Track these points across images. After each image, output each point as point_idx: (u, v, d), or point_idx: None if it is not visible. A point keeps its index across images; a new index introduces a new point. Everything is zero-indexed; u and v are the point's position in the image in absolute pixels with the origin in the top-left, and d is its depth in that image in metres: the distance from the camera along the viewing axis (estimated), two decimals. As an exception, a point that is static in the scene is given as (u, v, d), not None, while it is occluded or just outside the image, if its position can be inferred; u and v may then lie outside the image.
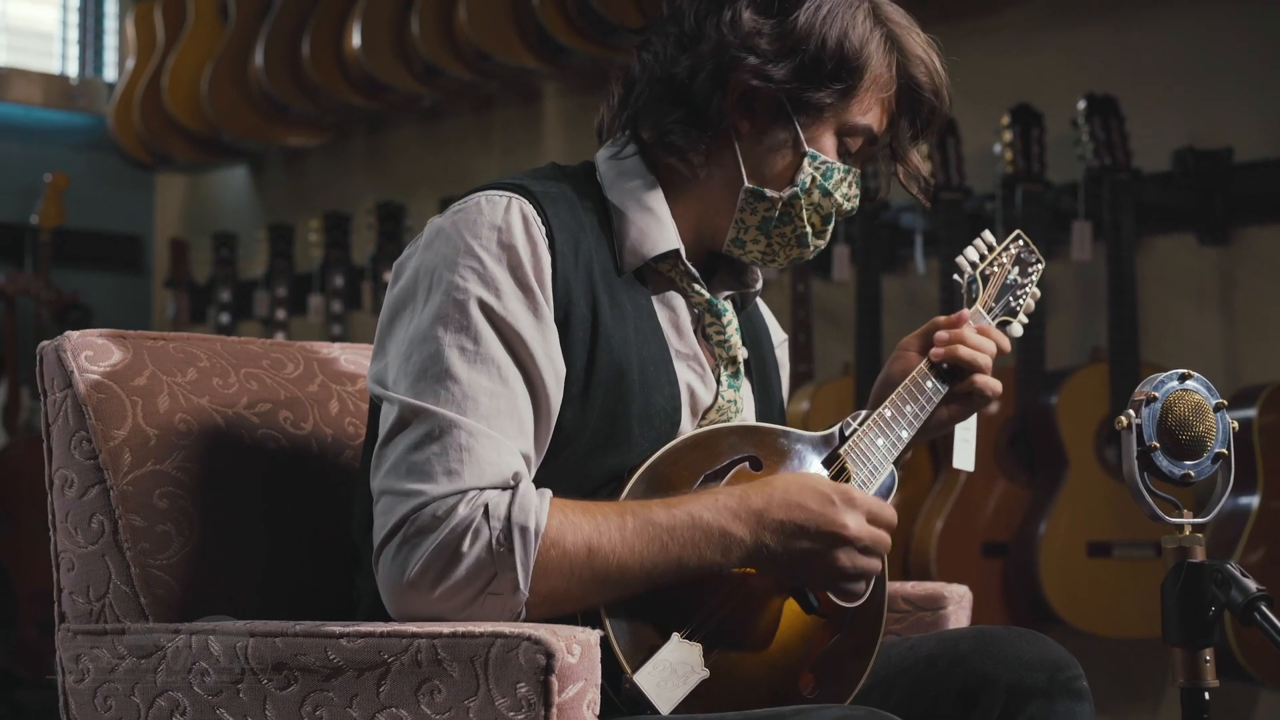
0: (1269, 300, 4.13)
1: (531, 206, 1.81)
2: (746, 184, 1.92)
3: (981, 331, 2.05)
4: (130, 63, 6.48)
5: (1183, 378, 1.70)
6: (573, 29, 5.09)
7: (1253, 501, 3.75)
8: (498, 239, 1.78)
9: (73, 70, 6.91)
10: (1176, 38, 4.31)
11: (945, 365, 2.03)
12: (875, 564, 1.84)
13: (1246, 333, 4.16)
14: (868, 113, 1.93)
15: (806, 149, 1.91)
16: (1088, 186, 4.16)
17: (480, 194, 1.83)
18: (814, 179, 1.92)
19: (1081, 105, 4.13)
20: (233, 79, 6.08)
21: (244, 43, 6.05)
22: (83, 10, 6.95)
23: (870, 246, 4.51)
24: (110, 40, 6.98)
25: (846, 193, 1.96)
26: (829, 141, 1.93)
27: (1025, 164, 4.22)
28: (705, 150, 1.91)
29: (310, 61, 5.76)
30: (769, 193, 1.92)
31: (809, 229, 1.95)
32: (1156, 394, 1.68)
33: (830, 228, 1.98)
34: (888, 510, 1.85)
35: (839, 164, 1.94)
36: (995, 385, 2.04)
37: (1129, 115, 4.14)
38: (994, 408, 4.11)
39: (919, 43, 1.96)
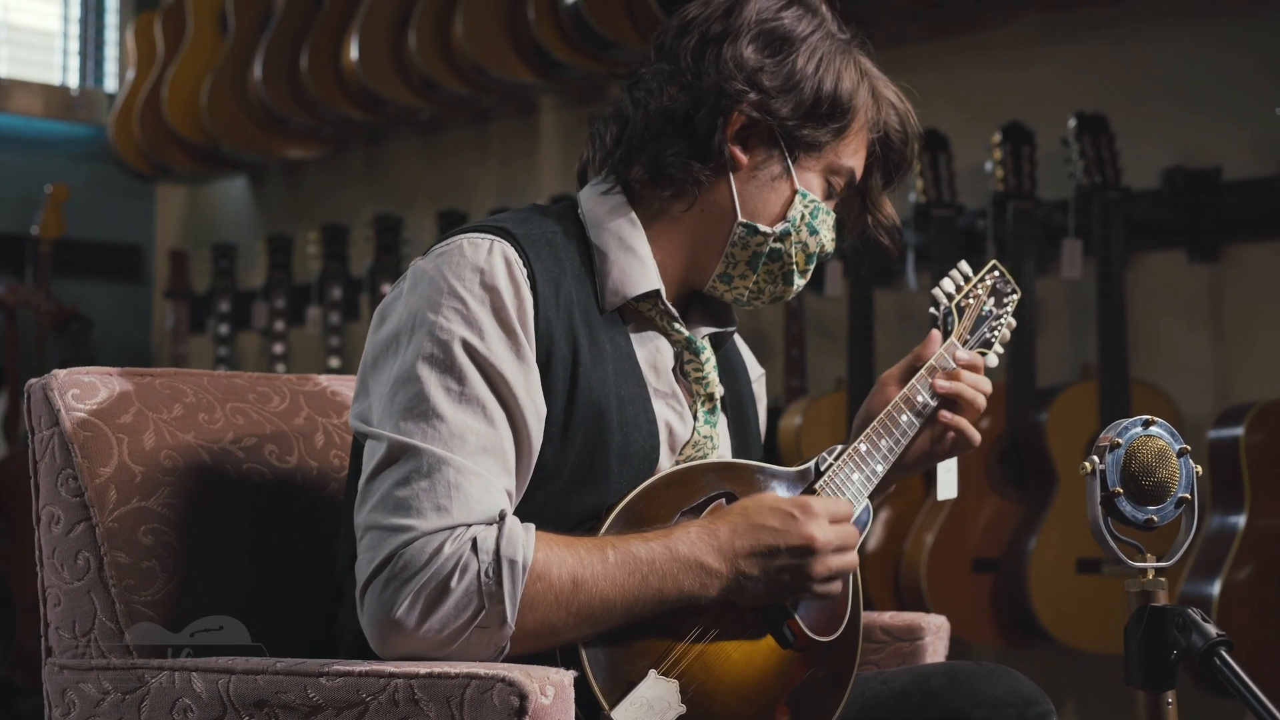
0: (1258, 318, 4.15)
1: (514, 249, 1.84)
2: (740, 219, 1.95)
3: (970, 366, 2.08)
4: (130, 74, 6.51)
5: (1146, 424, 1.72)
6: (568, 44, 5.12)
7: (1240, 520, 3.77)
8: (480, 281, 1.81)
9: (73, 81, 6.93)
10: (1166, 57, 4.33)
11: (935, 401, 2.05)
12: (849, 560, 1.87)
13: (1236, 350, 4.18)
14: (855, 154, 2.00)
15: (798, 186, 1.96)
16: (1078, 204, 4.19)
17: (463, 236, 1.86)
18: (803, 216, 1.97)
19: (1072, 123, 4.15)
20: (232, 91, 6.11)
21: (243, 55, 6.09)
22: (83, 22, 6.98)
23: (862, 262, 4.53)
24: (111, 51, 7.01)
25: (829, 234, 2.01)
26: (817, 182, 1.98)
27: (1016, 181, 4.25)
28: (701, 184, 1.95)
29: (308, 74, 5.78)
30: (762, 228, 1.96)
31: (794, 266, 1.98)
32: (1120, 440, 1.70)
33: (811, 268, 2.01)
34: (843, 505, 1.88)
35: (824, 204, 1.99)
36: (976, 437, 2.08)
37: (1119, 133, 4.16)
38: (984, 424, 4.16)
39: (895, 94, 2.04)
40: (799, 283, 2.02)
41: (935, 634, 2.24)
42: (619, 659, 1.78)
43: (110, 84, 6.99)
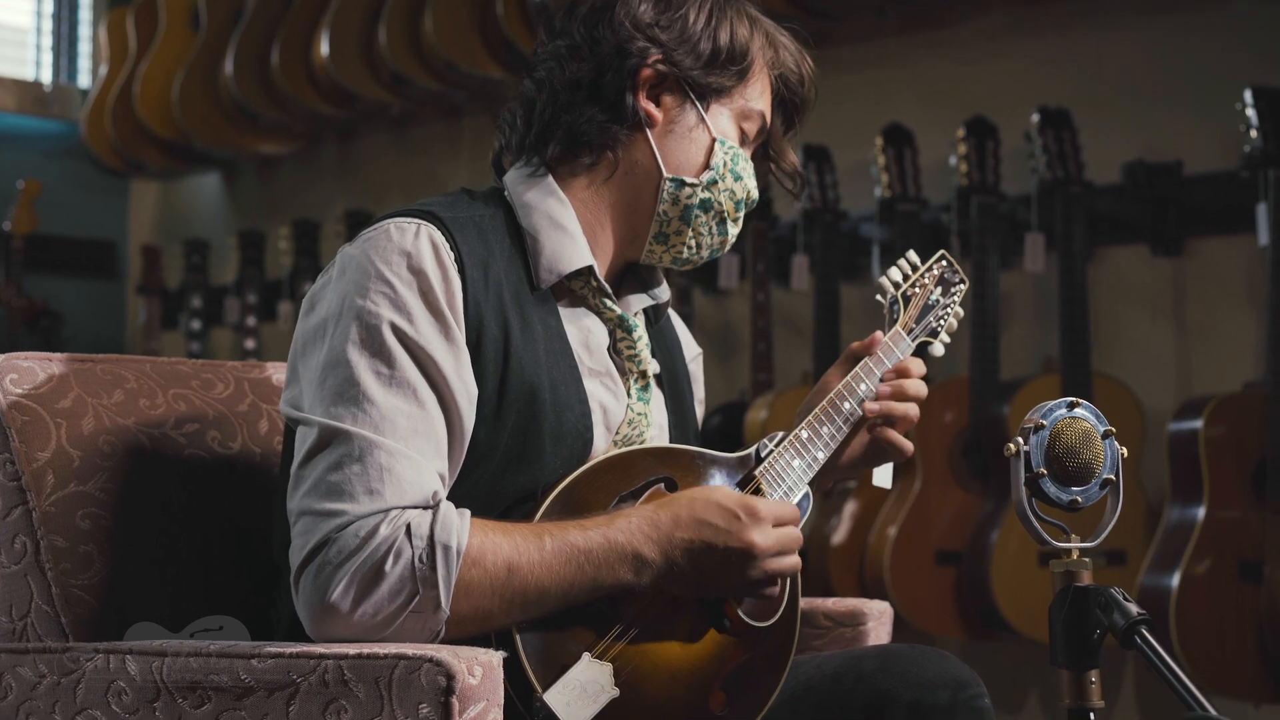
0: (1220, 311, 4.16)
1: (440, 233, 1.85)
2: (666, 174, 1.98)
3: (901, 371, 2.09)
4: (103, 70, 6.51)
5: (1071, 405, 1.73)
6: (537, 40, 5.12)
7: (1198, 513, 3.78)
8: (407, 265, 1.82)
9: (46, 77, 6.93)
10: (1129, 52, 4.35)
11: (875, 392, 2.07)
12: (790, 562, 1.87)
13: (1198, 343, 4.19)
14: (762, 96, 2.04)
15: (716, 134, 2.00)
16: (1041, 198, 4.20)
17: (389, 221, 1.87)
18: (726, 163, 2.00)
19: (1035, 118, 4.17)
20: (203, 87, 6.11)
21: (214, 51, 6.09)
22: (56, 17, 6.97)
23: (829, 256, 4.55)
24: (84, 47, 7.01)
25: (752, 182, 2.04)
26: (731, 129, 2.02)
27: (980, 176, 4.26)
28: (620, 144, 1.97)
29: (279, 70, 5.79)
30: (689, 179, 1.98)
31: (725, 214, 2.02)
32: (1044, 421, 1.71)
33: (741, 216, 2.04)
34: (790, 509, 1.89)
35: (742, 151, 2.03)
36: (908, 448, 2.09)
37: (1082, 128, 4.17)
38: (948, 417, 4.18)
39: (788, 38, 2.09)
40: (732, 232, 2.04)
41: (878, 620, 2.25)
42: (552, 642, 1.79)
43: (83, 80, 6.98)
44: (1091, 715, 1.64)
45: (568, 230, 1.95)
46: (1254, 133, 3.83)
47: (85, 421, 2.01)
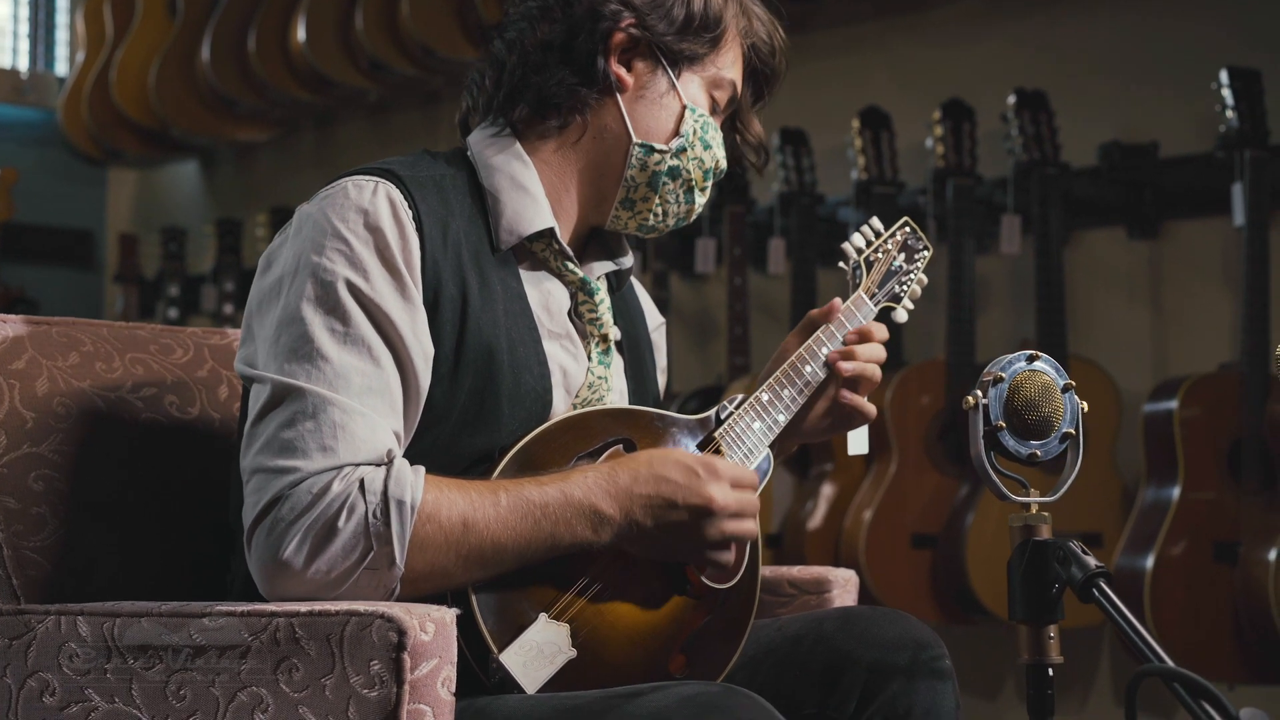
0: (1196, 293, 4.16)
1: (398, 191, 1.83)
2: (635, 139, 1.96)
3: (863, 334, 2.08)
4: (80, 57, 6.49)
5: (1030, 359, 1.71)
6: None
7: (1173, 493, 3.77)
8: (364, 222, 1.80)
9: (23, 65, 6.91)
10: (1105, 33, 4.34)
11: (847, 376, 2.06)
12: (747, 527, 1.85)
13: (1174, 325, 4.19)
14: (733, 65, 2.03)
15: (686, 101, 1.98)
16: (1017, 180, 4.19)
17: (347, 179, 1.85)
18: (696, 131, 1.98)
19: (1011, 100, 4.16)
20: (180, 74, 6.09)
21: (191, 37, 6.07)
22: (33, 5, 6.95)
23: (805, 240, 4.54)
24: (61, 35, 6.99)
25: (721, 151, 2.02)
26: (702, 97, 2.01)
27: (957, 158, 4.25)
28: (590, 108, 1.96)
29: (256, 56, 5.77)
30: (658, 145, 1.97)
31: (693, 182, 2.00)
32: (1004, 374, 1.69)
33: (709, 185, 2.02)
34: (748, 474, 1.87)
35: (712, 120, 2.01)
36: (870, 411, 2.08)
37: (1058, 110, 4.16)
38: (924, 401, 4.16)
39: (761, 9, 2.07)
40: (699, 201, 2.03)
41: (843, 587, 2.23)
42: (509, 603, 1.77)
43: (60, 68, 6.96)
44: (1050, 670, 1.62)
45: (530, 191, 1.94)
46: (1230, 113, 3.83)
47: (39, 383, 1.99)
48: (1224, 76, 3.84)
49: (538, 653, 1.77)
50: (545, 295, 1.95)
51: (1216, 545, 3.75)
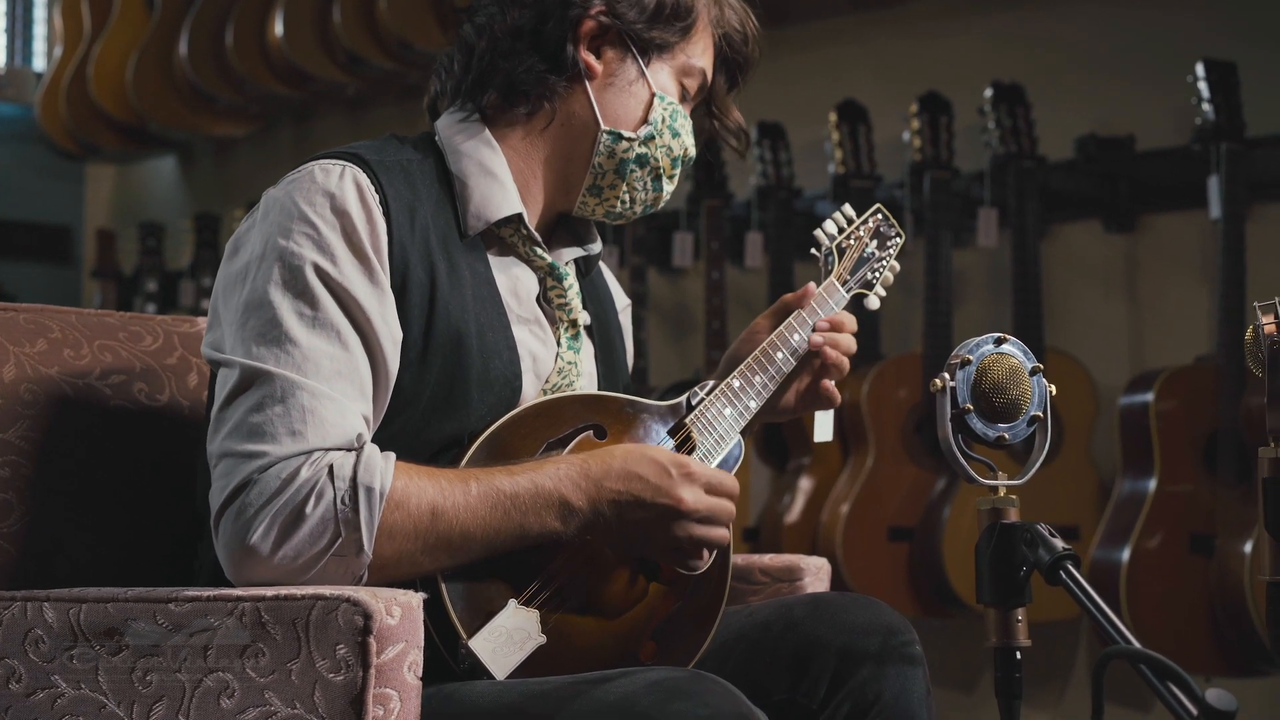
0: (1172, 286, 4.16)
1: (365, 175, 1.82)
2: (604, 126, 1.95)
3: (836, 325, 2.08)
4: (58, 52, 6.47)
5: (998, 341, 1.71)
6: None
7: (1150, 486, 3.77)
8: (331, 206, 1.79)
9: (0, 60, 6.87)
10: (1082, 26, 4.35)
11: (808, 340, 2.06)
12: (717, 534, 1.85)
13: (1150, 318, 4.19)
14: (704, 54, 2.02)
15: (655, 89, 1.98)
16: (994, 174, 4.19)
17: (314, 163, 1.84)
18: (664, 119, 1.98)
19: (988, 93, 4.16)
20: (158, 68, 6.07)
21: (169, 32, 6.05)
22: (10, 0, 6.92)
23: (783, 234, 4.53)
24: (39, 30, 6.96)
25: (689, 139, 2.02)
26: (671, 85, 2.00)
27: (934, 151, 4.25)
28: (558, 95, 1.95)
29: (234, 51, 5.75)
30: (626, 133, 1.96)
31: (661, 170, 2.00)
32: (971, 357, 1.69)
33: (677, 174, 2.02)
34: (728, 480, 1.86)
35: (681, 108, 2.01)
36: (836, 397, 2.10)
37: (1035, 103, 4.16)
38: (901, 394, 4.16)
39: None
40: (667, 188, 2.03)
41: (815, 575, 2.23)
42: (478, 590, 1.77)
43: (38, 63, 6.94)
44: (1017, 654, 1.62)
45: (497, 177, 1.93)
46: (1206, 105, 3.83)
47: (6, 369, 1.98)
48: (1200, 69, 3.85)
49: (507, 639, 1.76)
50: (514, 281, 1.94)
51: (1193, 537, 3.75)
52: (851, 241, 2.19)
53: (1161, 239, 4.18)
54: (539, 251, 1.96)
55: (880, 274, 2.20)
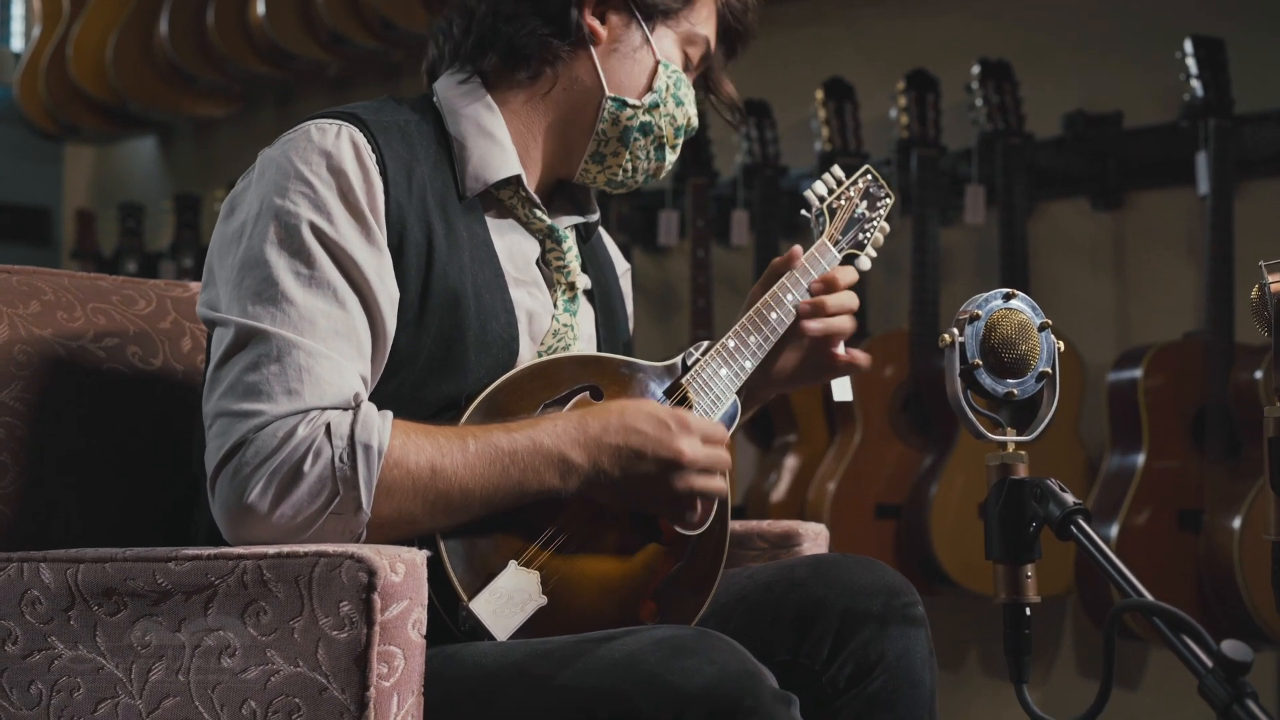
0: (1159, 264, 4.16)
1: (362, 134, 1.81)
2: (608, 93, 1.94)
3: (829, 283, 2.06)
4: (36, 31, 6.42)
5: (1007, 297, 1.70)
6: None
7: (1138, 461, 3.77)
8: (327, 165, 1.78)
9: (-22, 40, 6.84)
10: (1069, 2, 4.34)
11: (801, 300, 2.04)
12: (716, 484, 1.84)
13: (1138, 296, 4.19)
14: (707, 21, 2.01)
15: (660, 57, 1.96)
16: (981, 151, 4.18)
17: (310, 123, 1.83)
18: (669, 87, 1.97)
19: (976, 70, 4.15)
20: (138, 48, 6.03)
21: (149, 11, 6.00)
22: (-11, -21, 6.88)
23: (769, 212, 4.53)
24: (17, 9, 6.91)
25: (693, 108, 2.01)
26: (675, 54, 1.99)
27: (921, 129, 4.24)
28: (561, 60, 1.94)
29: (215, 30, 5.71)
30: (631, 100, 1.95)
31: (664, 139, 1.99)
32: (980, 312, 1.68)
33: (680, 143, 2.01)
34: (719, 428, 1.86)
35: (685, 77, 1.99)
36: (859, 357, 2.09)
37: (1022, 80, 4.16)
38: (888, 372, 4.16)
39: None
40: (669, 158, 2.01)
41: (813, 541, 2.22)
42: (478, 551, 1.76)
43: (17, 43, 6.89)
44: (1027, 610, 1.61)
45: (496, 138, 1.92)
46: (1194, 82, 3.83)
47: (0, 330, 1.96)
48: (1188, 45, 3.84)
49: (508, 600, 1.75)
50: (512, 243, 1.93)
51: (1181, 513, 3.75)
52: (842, 202, 2.18)
53: (1149, 216, 4.18)
54: (538, 214, 1.94)
55: (871, 235, 2.19)
